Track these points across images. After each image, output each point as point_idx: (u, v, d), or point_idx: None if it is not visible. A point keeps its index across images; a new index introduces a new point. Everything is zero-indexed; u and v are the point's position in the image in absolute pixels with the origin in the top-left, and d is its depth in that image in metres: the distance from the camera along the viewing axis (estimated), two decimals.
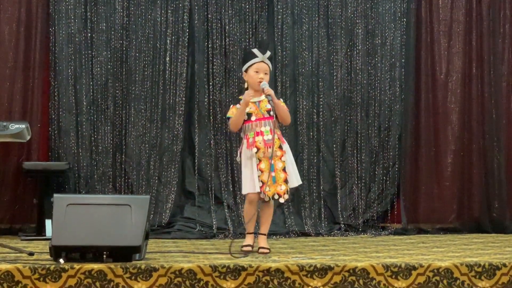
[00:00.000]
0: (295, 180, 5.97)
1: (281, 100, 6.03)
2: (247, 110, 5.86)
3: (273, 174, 5.81)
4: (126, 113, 7.75)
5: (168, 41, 7.79)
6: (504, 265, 5.10)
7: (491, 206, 8.12)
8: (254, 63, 5.92)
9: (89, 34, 7.70)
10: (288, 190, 5.89)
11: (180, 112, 7.78)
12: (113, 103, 7.73)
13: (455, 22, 8.22)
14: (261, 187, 5.78)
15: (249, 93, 5.85)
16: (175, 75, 7.79)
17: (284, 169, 5.86)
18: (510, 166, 8.24)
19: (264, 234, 5.94)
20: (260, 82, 5.86)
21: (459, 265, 5.07)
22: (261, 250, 5.82)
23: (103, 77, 7.71)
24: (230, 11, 7.90)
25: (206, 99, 7.81)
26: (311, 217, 7.88)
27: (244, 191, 5.92)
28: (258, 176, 5.80)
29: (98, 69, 7.70)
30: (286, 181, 5.85)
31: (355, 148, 8.10)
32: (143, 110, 7.75)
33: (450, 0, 8.22)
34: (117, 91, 7.74)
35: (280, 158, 5.86)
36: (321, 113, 8.02)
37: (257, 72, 5.90)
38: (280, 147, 5.88)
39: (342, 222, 7.90)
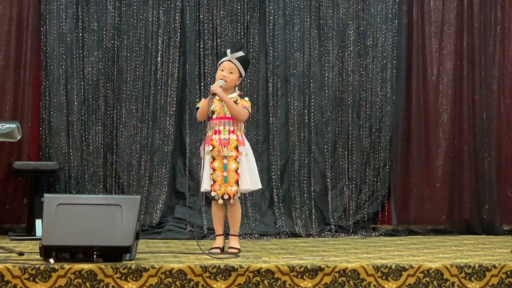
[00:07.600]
0: (250, 183, 5.87)
1: (245, 99, 5.97)
2: (212, 107, 5.84)
3: (225, 174, 5.80)
4: (117, 113, 7.74)
5: (159, 41, 7.78)
6: (494, 266, 5.11)
7: (481, 208, 8.13)
8: (222, 62, 5.97)
9: (81, 34, 7.68)
10: (238, 191, 5.84)
11: (171, 112, 7.78)
12: (104, 103, 7.72)
13: (446, 24, 8.24)
14: (212, 186, 5.79)
15: (216, 84, 5.84)
16: (167, 75, 7.79)
17: (237, 171, 5.83)
18: (500, 167, 8.25)
19: (234, 235, 5.92)
20: (221, 80, 5.85)
21: (450, 266, 5.08)
22: (229, 250, 5.80)
23: (94, 77, 7.70)
24: (222, 12, 7.89)
25: (197, 100, 7.80)
26: (301, 218, 7.87)
27: (202, 189, 5.91)
28: (210, 174, 5.79)
29: (90, 69, 7.69)
30: (237, 183, 5.82)
31: (346, 149, 8.10)
32: (134, 110, 7.74)
33: (442, 2, 8.23)
34: (108, 91, 7.73)
35: (235, 159, 5.83)
36: (312, 114, 8.02)
37: (222, 70, 5.92)
38: (237, 148, 5.84)
39: (332, 223, 7.90)
